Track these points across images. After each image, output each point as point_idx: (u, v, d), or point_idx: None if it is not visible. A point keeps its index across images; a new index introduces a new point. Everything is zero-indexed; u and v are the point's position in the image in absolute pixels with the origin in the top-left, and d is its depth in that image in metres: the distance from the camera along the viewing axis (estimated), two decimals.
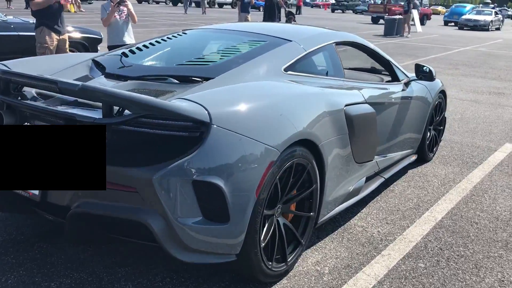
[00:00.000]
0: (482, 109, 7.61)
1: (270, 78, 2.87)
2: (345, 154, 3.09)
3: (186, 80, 2.72)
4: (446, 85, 9.74)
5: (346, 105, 3.02)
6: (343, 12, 49.74)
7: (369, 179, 3.65)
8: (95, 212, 2.17)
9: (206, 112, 2.14)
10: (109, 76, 2.80)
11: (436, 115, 4.89)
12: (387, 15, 25.27)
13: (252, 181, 2.23)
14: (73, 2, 7.16)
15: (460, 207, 3.80)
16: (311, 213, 2.82)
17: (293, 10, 29.06)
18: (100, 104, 2.17)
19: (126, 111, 2.15)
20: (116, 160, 2.12)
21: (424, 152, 4.71)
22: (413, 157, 4.52)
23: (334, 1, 53.28)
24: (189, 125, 2.12)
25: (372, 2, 41.46)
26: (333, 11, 50.63)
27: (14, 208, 2.59)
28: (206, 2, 29.02)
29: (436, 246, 3.15)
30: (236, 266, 2.44)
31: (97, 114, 2.20)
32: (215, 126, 2.15)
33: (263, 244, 2.42)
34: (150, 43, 3.36)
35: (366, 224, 3.41)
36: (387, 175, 3.90)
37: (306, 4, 60.00)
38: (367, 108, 3.29)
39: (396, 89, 4.07)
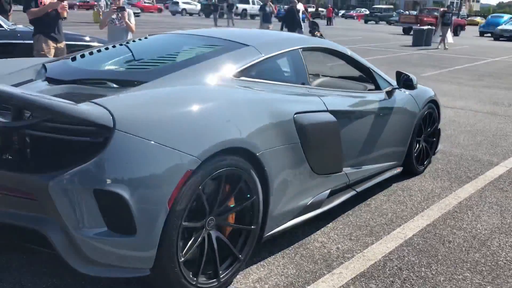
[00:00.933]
0: (496, 122, 7.23)
1: (216, 83, 2.74)
2: (298, 164, 2.92)
3: (125, 84, 2.62)
4: (464, 96, 9.39)
5: (296, 113, 2.85)
6: (376, 23, 49.14)
7: (337, 192, 3.46)
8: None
9: (110, 116, 2.03)
10: (48, 80, 2.73)
11: (426, 126, 4.63)
12: (418, 26, 24.74)
13: (163, 192, 2.10)
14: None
15: (437, 224, 3.55)
16: (253, 227, 2.66)
17: (322, 21, 28.86)
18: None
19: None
20: (20, 165, 2.03)
21: (411, 165, 4.46)
22: (398, 170, 4.29)
23: (367, 12, 52.78)
24: (93, 130, 2.02)
25: (406, 12, 40.84)
26: (366, 22, 50.09)
27: None
28: (233, 14, 28.98)
29: (396, 266, 2.93)
30: (153, 281, 2.31)
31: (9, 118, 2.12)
32: (119, 131, 2.03)
33: (182, 259, 2.28)
34: (106, 48, 3.29)
35: (327, 240, 3.22)
36: (360, 188, 3.69)
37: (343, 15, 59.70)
38: (326, 117, 3.12)
39: (374, 98, 3.88)
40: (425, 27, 22.05)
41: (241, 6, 42.99)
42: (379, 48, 19.64)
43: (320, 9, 54.77)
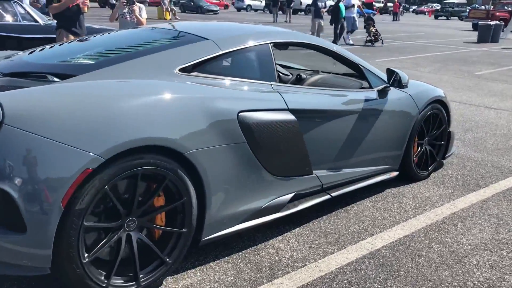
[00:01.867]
0: None
1: (155, 78, 2.64)
2: (245, 165, 2.76)
3: (61, 78, 2.57)
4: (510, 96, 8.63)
5: (241, 112, 2.69)
6: (447, 18, 46.86)
7: (305, 195, 3.25)
8: None
9: (0, 110, 1.98)
10: None
11: (431, 129, 4.27)
12: (489, 21, 23.24)
13: (56, 189, 2.02)
14: (169, 9, 7.43)
15: (416, 236, 3.25)
16: (184, 230, 2.54)
17: (388, 17, 27.83)
18: None
19: None
20: None
21: (409, 170, 4.13)
22: (392, 175, 3.98)
23: (439, 8, 50.48)
24: None
25: (482, 7, 38.58)
26: (436, 17, 47.89)
27: None
28: (291, 10, 28.70)
29: (346, 280, 2.70)
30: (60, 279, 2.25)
31: None
32: (8, 126, 1.98)
33: (86, 259, 2.20)
34: (69, 42, 3.28)
35: (284, 246, 3.03)
36: (337, 192, 3.45)
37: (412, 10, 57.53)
38: (283, 116, 2.92)
39: (360, 96, 3.61)
40: (493, 23, 20.66)
41: (305, 2, 42.47)
42: (439, 44, 18.66)
43: (389, 4, 53.04)
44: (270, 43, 3.25)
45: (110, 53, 2.85)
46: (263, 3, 47.59)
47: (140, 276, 2.41)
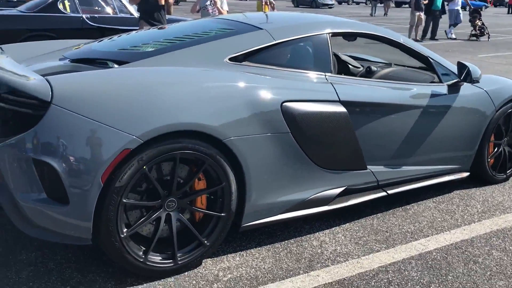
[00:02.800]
0: None
1: (204, 66, 2.72)
2: (290, 155, 2.76)
3: (119, 64, 2.75)
4: None
5: (284, 102, 2.69)
6: None
7: (358, 191, 3.18)
8: None
9: (50, 91, 2.17)
10: (62, 58, 3.00)
11: (511, 129, 3.94)
12: None
13: (96, 166, 2.18)
14: (267, 3, 7.70)
15: (475, 241, 3.04)
16: (222, 214, 2.61)
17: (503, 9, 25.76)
18: None
19: None
20: None
21: (483, 172, 3.85)
22: (462, 175, 3.74)
23: None
24: (34, 103, 2.19)
25: None
26: None
27: None
28: (390, 3, 27.53)
29: (387, 278, 2.60)
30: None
31: None
32: (55, 106, 2.17)
33: (125, 234, 2.34)
34: (137, 32, 3.48)
35: (329, 240, 2.99)
36: (394, 190, 3.33)
37: None
38: (332, 108, 2.87)
39: (426, 91, 3.43)
40: None
41: None
42: None
43: None
44: (328, 33, 3.19)
45: (166, 42, 2.98)
46: None
47: (178, 255, 2.52)
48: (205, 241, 2.59)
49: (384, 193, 3.28)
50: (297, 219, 3.14)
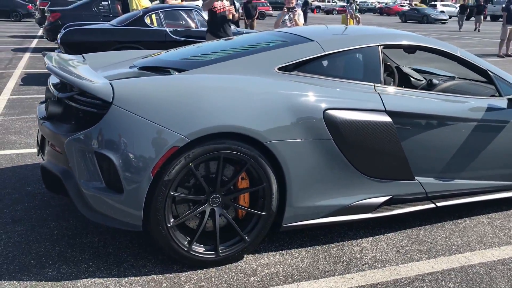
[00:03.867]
0: None
1: (254, 75, 2.93)
2: (331, 161, 2.88)
3: (179, 72, 3.04)
4: None
5: (327, 110, 2.82)
6: None
7: (405, 201, 3.21)
8: (46, 166, 2.79)
9: (111, 93, 2.49)
10: (132, 66, 3.35)
11: None
12: None
13: (147, 161, 2.45)
14: (353, 16, 7.93)
15: None
16: (263, 213, 2.78)
17: None
18: None
19: None
20: (58, 127, 2.68)
21: None
22: None
23: None
24: (99, 103, 2.51)
25: None
26: None
27: None
28: (482, 18, 25.54)
29: (421, 287, 2.63)
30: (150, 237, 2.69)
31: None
32: (115, 106, 2.47)
33: (171, 224, 2.59)
34: (202, 44, 3.77)
35: (371, 247, 3.05)
36: (443, 203, 3.31)
37: None
38: (376, 117, 2.95)
39: (483, 104, 3.39)
40: None
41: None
42: None
43: None
44: (380, 45, 3.28)
45: (223, 52, 3.23)
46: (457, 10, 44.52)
47: (220, 248, 2.72)
48: (246, 237, 2.77)
49: (432, 205, 3.28)
50: (341, 226, 3.25)
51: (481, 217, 3.53)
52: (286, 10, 6.97)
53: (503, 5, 15.02)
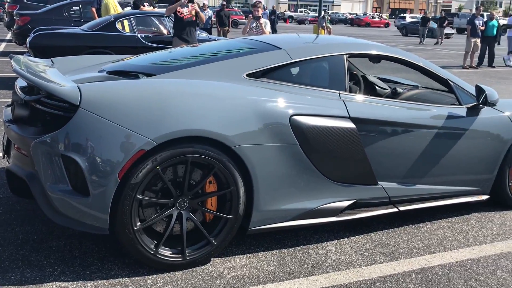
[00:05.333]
0: None
1: (222, 80, 2.98)
2: (297, 166, 2.94)
3: (148, 76, 3.06)
4: None
5: (293, 116, 2.89)
6: None
7: (369, 205, 3.30)
8: (11, 170, 2.77)
9: (79, 96, 2.50)
10: (101, 70, 3.36)
11: None
12: None
13: (114, 164, 2.47)
14: (325, 27, 8.21)
15: (482, 261, 3.07)
16: (230, 216, 2.82)
17: None
18: None
19: None
20: (24, 129, 2.68)
21: (503, 196, 3.85)
22: (481, 198, 3.77)
23: None
24: (66, 106, 2.52)
25: None
26: None
27: None
28: (444, 30, 25.61)
29: None
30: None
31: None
32: (83, 109, 2.49)
33: (138, 227, 2.60)
34: (171, 49, 3.81)
35: (335, 250, 3.12)
36: (405, 207, 3.41)
37: None
38: (341, 123, 3.04)
39: (442, 112, 3.52)
40: None
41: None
42: None
43: None
44: (345, 54, 3.38)
45: (192, 58, 3.28)
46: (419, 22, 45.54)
47: (187, 251, 2.75)
48: (213, 241, 2.81)
49: (395, 209, 3.38)
50: (307, 229, 3.32)
51: (441, 221, 3.66)
52: (252, 18, 7.20)
53: (468, 19, 15.52)
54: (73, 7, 12.16)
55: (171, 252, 2.74)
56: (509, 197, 3.87)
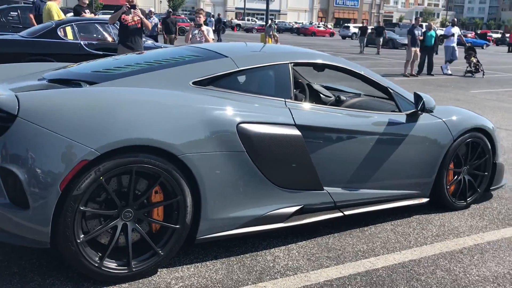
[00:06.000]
0: None
1: (168, 88, 2.96)
2: (245, 173, 2.96)
3: (91, 84, 2.99)
4: None
5: (240, 123, 2.91)
6: None
7: (315, 210, 3.36)
8: None
9: (17, 105, 2.41)
10: (41, 78, 3.25)
11: (469, 158, 4.13)
12: None
13: (55, 176, 2.39)
14: (272, 36, 8.28)
15: (423, 261, 3.19)
16: (177, 226, 2.79)
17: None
18: None
19: None
20: None
21: (441, 198, 4.02)
22: (421, 201, 3.92)
23: None
24: (3, 115, 2.42)
25: None
26: None
27: None
28: (381, 40, 25.60)
29: None
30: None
31: None
32: (21, 119, 2.40)
33: (81, 240, 2.53)
34: (115, 57, 3.74)
35: (283, 255, 3.15)
36: (351, 212, 3.50)
37: None
38: (286, 131, 3.08)
39: (384, 119, 3.64)
40: None
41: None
42: None
43: (507, 35, 49.86)
44: (290, 63, 3.44)
45: (137, 66, 3.24)
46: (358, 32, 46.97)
47: (133, 263, 2.70)
48: (160, 251, 2.76)
49: (340, 214, 3.46)
50: (255, 236, 3.33)
51: (385, 224, 3.78)
52: (194, 26, 7.25)
53: (408, 29, 16.16)
54: (11, 12, 11.73)
55: (116, 264, 2.68)
56: (447, 199, 4.05)
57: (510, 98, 11.61)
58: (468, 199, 4.18)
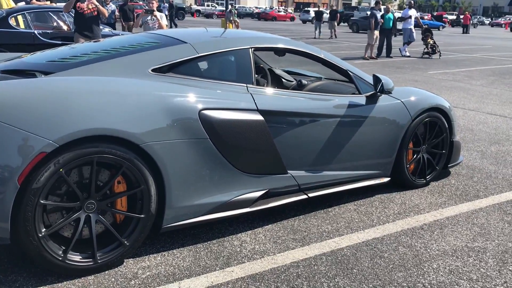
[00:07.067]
0: None
1: (127, 76, 2.91)
2: (209, 160, 2.95)
3: (45, 74, 2.90)
4: None
5: (202, 110, 2.89)
6: None
7: (280, 194, 3.39)
8: None
9: None
10: None
11: (427, 137, 4.25)
12: None
13: (13, 169, 2.32)
14: (233, 21, 8.17)
15: (386, 239, 3.28)
16: (142, 216, 2.77)
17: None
18: None
19: None
20: None
21: (402, 177, 4.13)
22: (383, 180, 4.01)
23: None
24: None
25: None
26: None
27: None
28: (335, 23, 25.05)
29: (296, 272, 2.81)
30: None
31: None
32: None
33: (42, 234, 2.47)
34: (71, 46, 3.64)
35: (250, 240, 3.18)
36: (314, 193, 3.55)
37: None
38: (249, 116, 3.09)
39: (344, 102, 3.69)
40: None
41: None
42: (505, 58, 17.87)
43: (461, 16, 51.19)
44: (250, 48, 3.43)
45: (94, 54, 3.16)
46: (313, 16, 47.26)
47: (98, 255, 2.66)
48: (125, 242, 2.74)
49: (305, 196, 3.50)
50: (222, 222, 3.34)
51: (348, 204, 3.85)
52: (144, 12, 7.13)
53: (368, 12, 16.35)
54: None
55: (81, 257, 2.64)
56: (407, 178, 4.16)
57: (466, 78, 11.96)
58: (427, 177, 4.31)
